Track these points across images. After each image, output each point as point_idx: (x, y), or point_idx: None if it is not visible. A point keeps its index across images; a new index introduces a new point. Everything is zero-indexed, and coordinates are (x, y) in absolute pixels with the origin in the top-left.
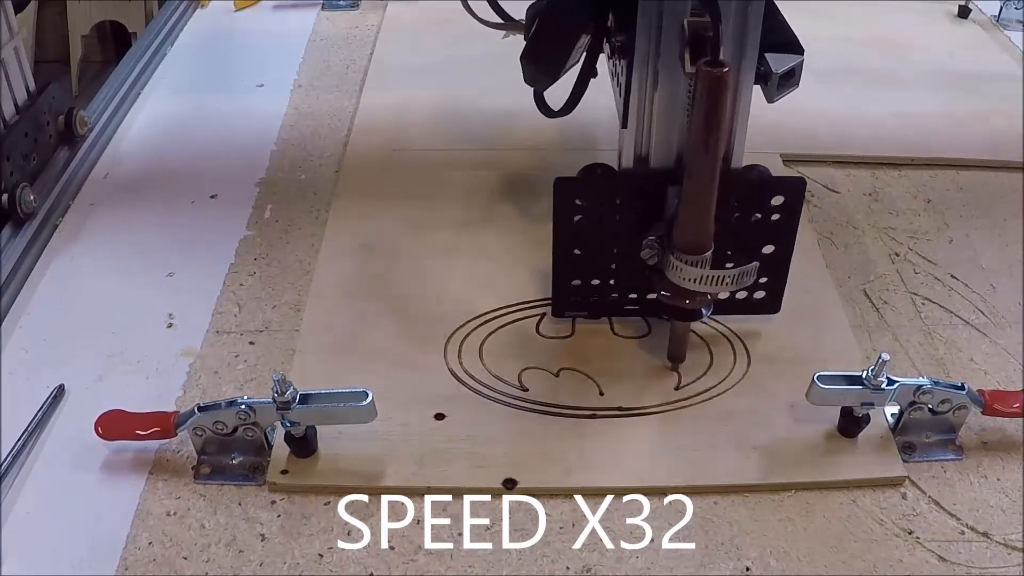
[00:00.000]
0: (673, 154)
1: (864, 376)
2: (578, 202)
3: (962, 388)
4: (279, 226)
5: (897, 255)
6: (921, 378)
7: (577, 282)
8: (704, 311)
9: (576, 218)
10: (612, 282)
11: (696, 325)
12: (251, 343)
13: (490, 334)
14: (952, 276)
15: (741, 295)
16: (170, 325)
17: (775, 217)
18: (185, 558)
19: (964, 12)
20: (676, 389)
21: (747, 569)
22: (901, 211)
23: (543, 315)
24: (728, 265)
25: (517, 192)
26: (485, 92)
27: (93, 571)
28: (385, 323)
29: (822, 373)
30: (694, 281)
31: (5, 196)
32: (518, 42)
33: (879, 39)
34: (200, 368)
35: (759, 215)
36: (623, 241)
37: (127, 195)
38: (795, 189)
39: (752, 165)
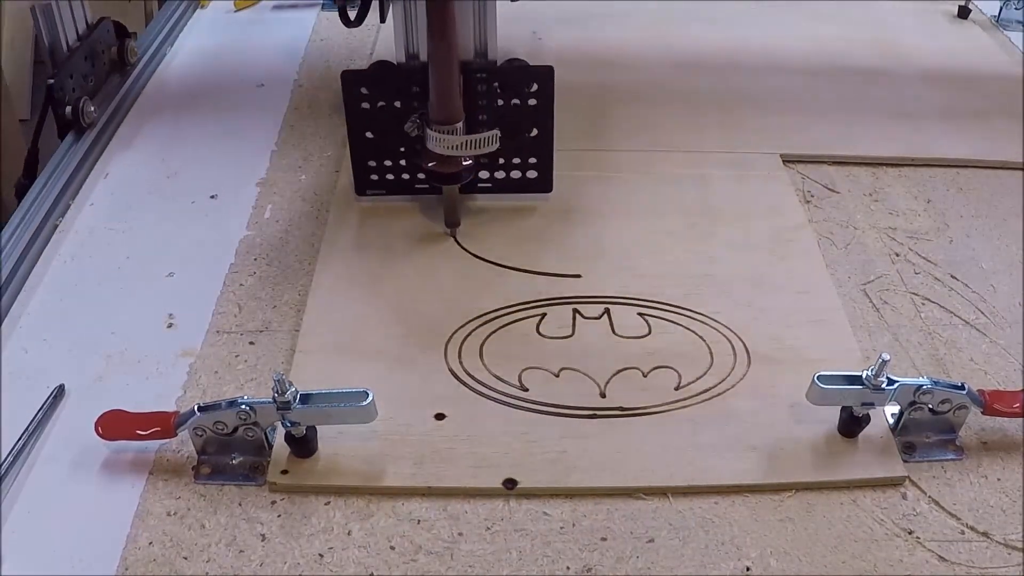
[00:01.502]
0: None
1: (864, 376)
2: (363, 91)
3: (962, 388)
4: (279, 226)
5: (897, 255)
6: (921, 378)
7: (373, 163)
8: (465, 175)
9: (363, 105)
10: (403, 163)
11: (696, 325)
12: (251, 343)
13: (490, 334)
14: (952, 276)
15: (516, 175)
16: (170, 325)
17: (532, 103)
18: (185, 558)
19: (964, 12)
20: (676, 389)
21: (747, 569)
22: (901, 211)
23: (543, 315)
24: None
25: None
26: None
27: (93, 571)
28: (385, 323)
29: (822, 373)
30: (448, 147)
31: (69, 108)
32: (516, 43)
33: (879, 39)
34: (200, 368)
35: (517, 100)
36: (404, 125)
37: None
38: (546, 75)
39: (513, 58)
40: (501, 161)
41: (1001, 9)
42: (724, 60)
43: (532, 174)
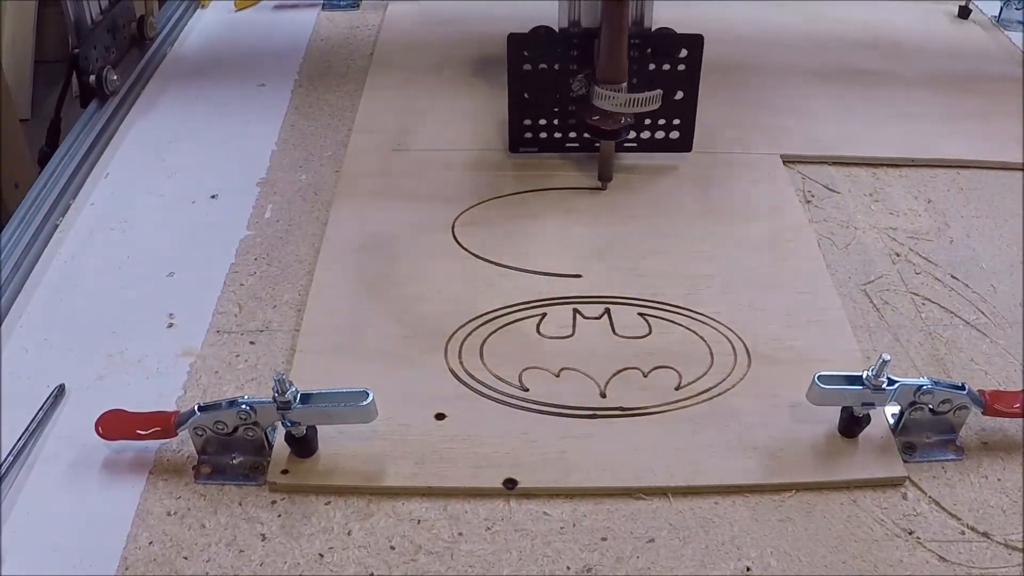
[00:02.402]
0: (597, 17)
1: (864, 376)
2: (526, 53)
3: (962, 388)
4: (279, 226)
5: (897, 255)
6: (921, 378)
7: (528, 122)
8: (623, 133)
9: (525, 67)
10: (556, 122)
11: (696, 325)
12: (251, 343)
13: (491, 334)
14: (952, 276)
15: (660, 135)
16: (170, 325)
17: (681, 68)
18: (185, 558)
19: (964, 12)
20: (676, 389)
21: (747, 569)
22: (901, 211)
23: (544, 315)
24: None
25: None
26: (485, 92)
27: (93, 571)
28: (385, 323)
29: (822, 373)
30: (615, 104)
31: (93, 77)
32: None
33: (879, 39)
34: (200, 368)
35: (668, 65)
36: (562, 87)
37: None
38: (695, 42)
39: (663, 27)
40: (647, 122)
41: (1001, 9)
42: (724, 60)
43: (674, 135)
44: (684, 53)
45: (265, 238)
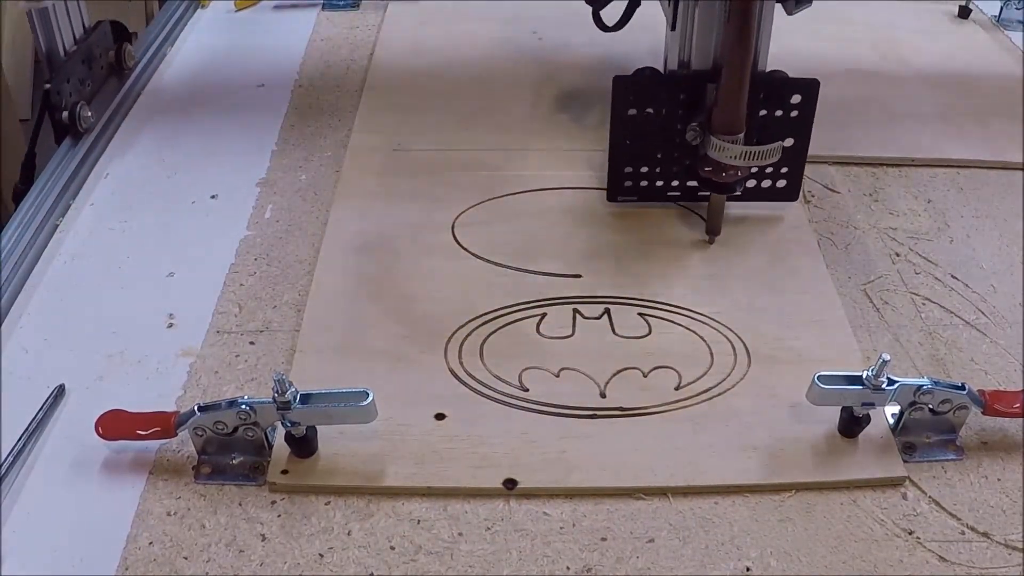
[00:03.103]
0: (710, 58)
1: (864, 376)
2: (631, 98)
3: (962, 388)
4: (279, 226)
5: (897, 255)
6: (921, 378)
7: (629, 169)
8: (738, 186)
9: (629, 112)
10: (658, 170)
11: (696, 325)
12: (251, 343)
13: (490, 334)
14: (952, 276)
15: (766, 184)
16: (170, 325)
17: (794, 114)
18: (185, 558)
19: (964, 12)
20: (676, 389)
21: (747, 569)
22: (901, 211)
23: (543, 315)
24: None
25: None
26: (485, 92)
27: (93, 571)
28: (385, 323)
29: (822, 373)
30: (731, 156)
31: (66, 113)
32: (516, 43)
33: (879, 39)
34: (200, 368)
35: (780, 111)
36: (668, 134)
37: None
38: (810, 88)
39: (775, 70)
40: (754, 169)
41: (1001, 9)
42: None
43: (781, 183)
44: (797, 99)
45: (265, 238)
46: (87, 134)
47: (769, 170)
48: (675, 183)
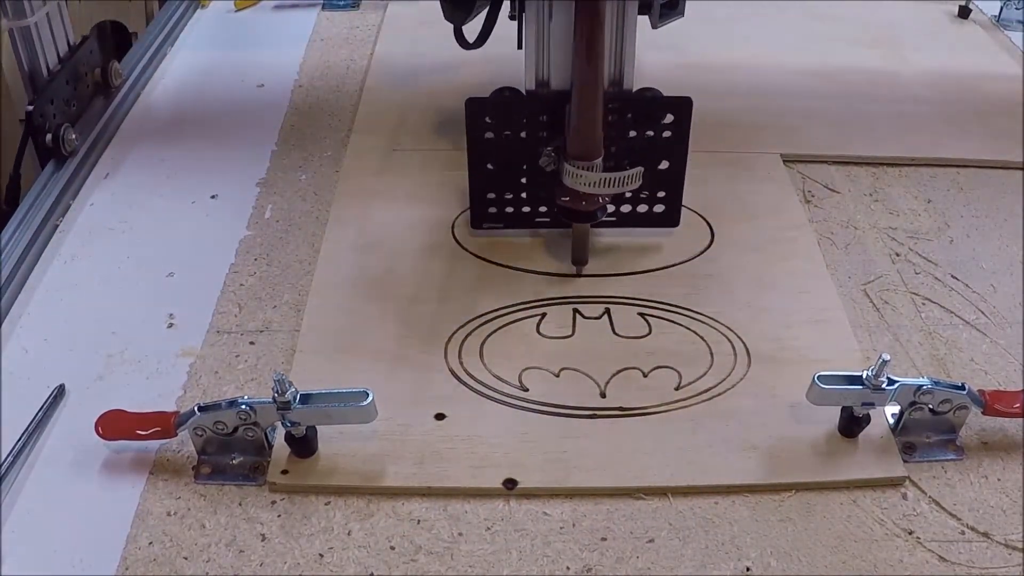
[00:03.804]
0: (569, 77)
1: (864, 376)
2: (488, 120)
3: (962, 388)
4: (279, 226)
5: (897, 255)
6: (921, 378)
7: (492, 195)
8: (599, 214)
9: (487, 135)
10: (524, 195)
11: (696, 325)
12: (251, 343)
13: (490, 334)
14: (952, 276)
15: (643, 208)
16: (170, 325)
17: (666, 135)
18: (185, 558)
19: (964, 12)
20: (676, 389)
21: (747, 569)
22: (901, 211)
23: (543, 315)
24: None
25: None
26: (485, 92)
27: (93, 571)
28: (385, 323)
29: (822, 373)
30: (587, 184)
31: (49, 136)
32: (515, 43)
33: (879, 39)
34: (200, 368)
35: (651, 132)
36: (530, 156)
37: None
38: (682, 107)
39: (646, 88)
40: (628, 195)
41: (1001, 9)
42: (724, 60)
43: (659, 208)
44: (670, 118)
45: (265, 238)
46: (71, 157)
47: (645, 195)
48: (542, 208)
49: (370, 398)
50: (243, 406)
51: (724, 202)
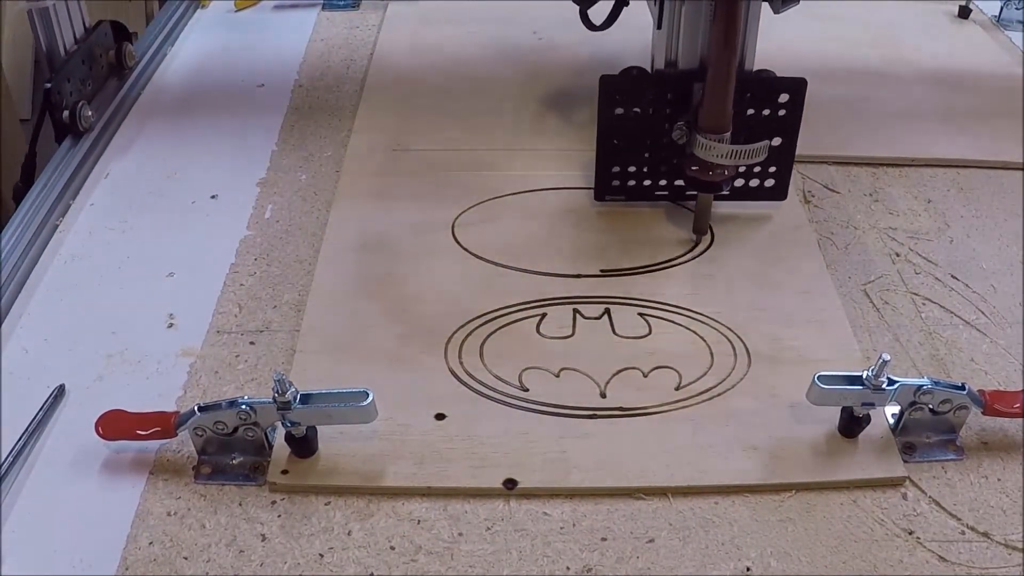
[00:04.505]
0: (697, 57)
1: (864, 376)
2: (618, 97)
3: (962, 388)
4: (279, 226)
5: (897, 255)
6: (921, 378)
7: (616, 169)
8: (724, 185)
9: (617, 111)
10: (645, 169)
11: (696, 325)
12: (251, 343)
13: (490, 334)
14: (952, 276)
15: (754, 183)
16: (170, 325)
17: (781, 113)
18: (186, 558)
19: (964, 12)
20: (676, 389)
21: (747, 569)
22: (901, 211)
23: (543, 315)
24: None
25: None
26: (485, 92)
27: (93, 571)
28: (385, 323)
29: (822, 373)
30: (718, 155)
31: (66, 112)
32: (515, 43)
33: (879, 39)
34: (200, 368)
35: (768, 111)
36: (655, 133)
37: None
38: (798, 87)
39: (762, 69)
40: (742, 169)
41: (1001, 9)
42: None
43: (769, 182)
44: (785, 98)
45: (265, 238)
46: (87, 133)
47: (757, 169)
48: (663, 182)
49: (370, 398)
50: (243, 406)
51: (724, 202)
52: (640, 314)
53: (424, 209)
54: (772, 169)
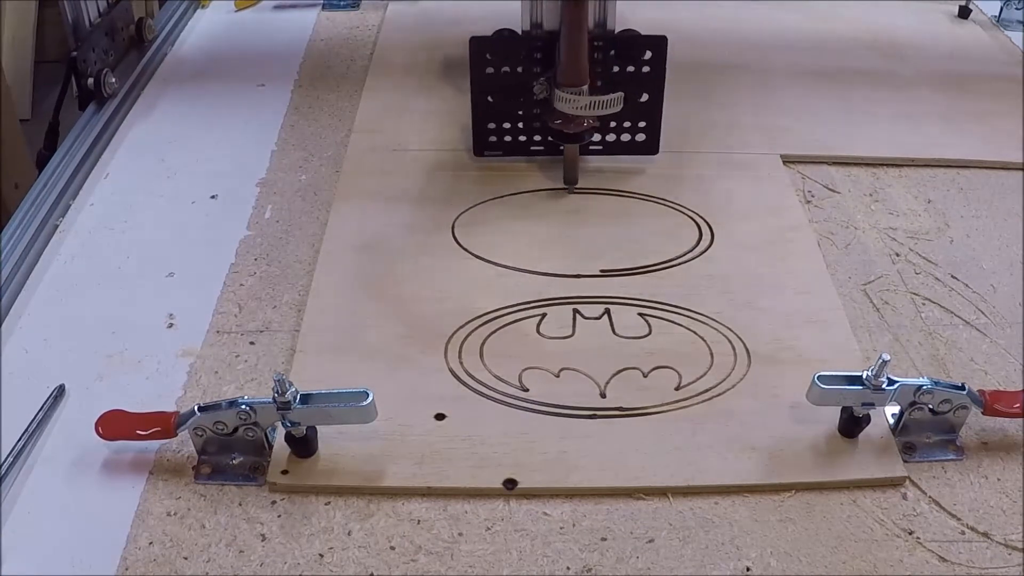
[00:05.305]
0: (559, 19)
1: (864, 376)
2: (488, 56)
3: (962, 388)
4: (279, 226)
5: (897, 255)
6: (921, 378)
7: (492, 125)
8: (586, 136)
9: (488, 70)
10: (520, 125)
11: (696, 325)
12: (251, 343)
13: (490, 334)
14: (952, 276)
15: (626, 138)
16: (170, 325)
17: (646, 70)
18: (186, 558)
19: (964, 12)
20: (676, 389)
21: (747, 569)
22: (901, 211)
23: (543, 315)
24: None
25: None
26: None
27: (93, 571)
28: (385, 323)
29: (822, 373)
30: (576, 107)
31: (91, 80)
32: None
33: (879, 39)
34: (200, 368)
35: (632, 68)
36: (526, 90)
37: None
38: (659, 44)
39: (627, 29)
40: (613, 124)
41: (1001, 9)
42: (724, 60)
43: (640, 137)
44: (648, 55)
45: (265, 238)
46: (111, 99)
47: (627, 124)
48: (537, 137)
49: (370, 398)
50: (243, 406)
51: (724, 202)
52: (640, 314)
53: (424, 209)
54: (642, 124)
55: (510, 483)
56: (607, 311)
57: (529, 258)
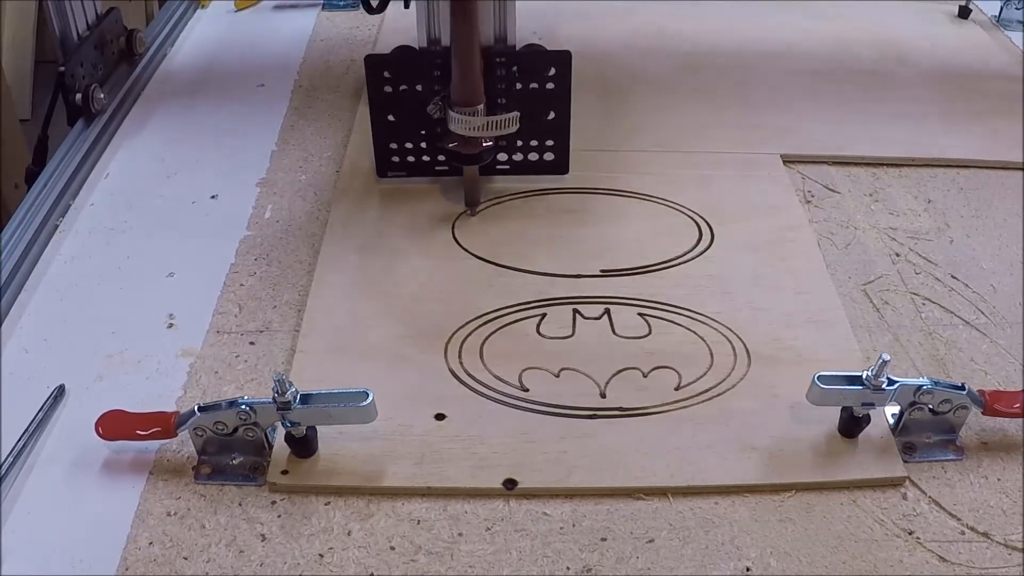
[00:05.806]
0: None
1: (864, 376)
2: (386, 74)
3: (962, 388)
4: (279, 226)
5: (897, 255)
6: (921, 378)
7: (394, 145)
8: (485, 156)
9: (386, 88)
10: (423, 145)
11: (696, 325)
12: (251, 343)
13: (490, 334)
14: (952, 276)
15: (533, 157)
16: (170, 325)
17: (550, 86)
18: (185, 558)
19: (964, 12)
20: (676, 389)
21: (747, 569)
22: (901, 211)
23: (543, 315)
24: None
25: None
26: None
27: (93, 571)
28: (385, 323)
29: (822, 373)
30: (469, 128)
31: (79, 95)
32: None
33: (879, 39)
34: (200, 368)
35: (536, 84)
36: (426, 108)
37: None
38: (563, 60)
39: (530, 43)
40: (519, 143)
41: (1001, 9)
42: (724, 60)
43: (549, 156)
44: (553, 71)
45: (265, 238)
46: (99, 115)
47: (534, 143)
48: (441, 157)
49: (370, 398)
50: (243, 406)
51: (724, 202)
52: (640, 314)
53: (424, 209)
54: (550, 143)
55: (510, 483)
56: (607, 311)
57: (529, 258)
